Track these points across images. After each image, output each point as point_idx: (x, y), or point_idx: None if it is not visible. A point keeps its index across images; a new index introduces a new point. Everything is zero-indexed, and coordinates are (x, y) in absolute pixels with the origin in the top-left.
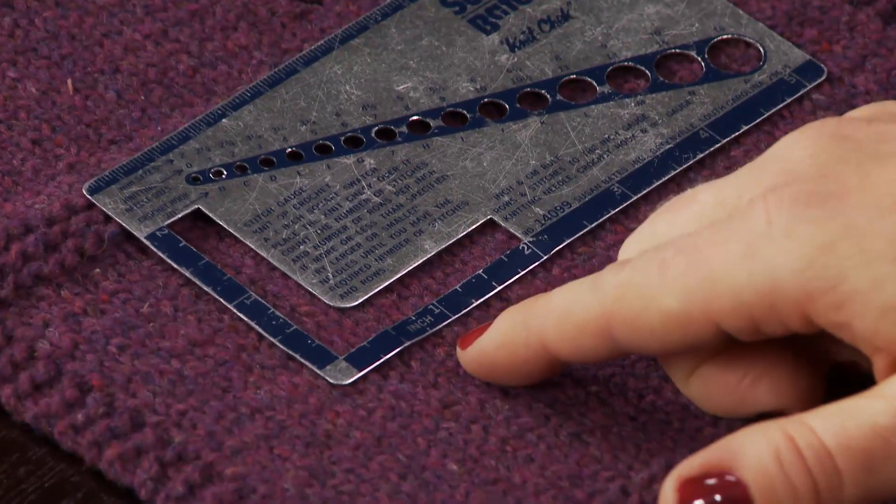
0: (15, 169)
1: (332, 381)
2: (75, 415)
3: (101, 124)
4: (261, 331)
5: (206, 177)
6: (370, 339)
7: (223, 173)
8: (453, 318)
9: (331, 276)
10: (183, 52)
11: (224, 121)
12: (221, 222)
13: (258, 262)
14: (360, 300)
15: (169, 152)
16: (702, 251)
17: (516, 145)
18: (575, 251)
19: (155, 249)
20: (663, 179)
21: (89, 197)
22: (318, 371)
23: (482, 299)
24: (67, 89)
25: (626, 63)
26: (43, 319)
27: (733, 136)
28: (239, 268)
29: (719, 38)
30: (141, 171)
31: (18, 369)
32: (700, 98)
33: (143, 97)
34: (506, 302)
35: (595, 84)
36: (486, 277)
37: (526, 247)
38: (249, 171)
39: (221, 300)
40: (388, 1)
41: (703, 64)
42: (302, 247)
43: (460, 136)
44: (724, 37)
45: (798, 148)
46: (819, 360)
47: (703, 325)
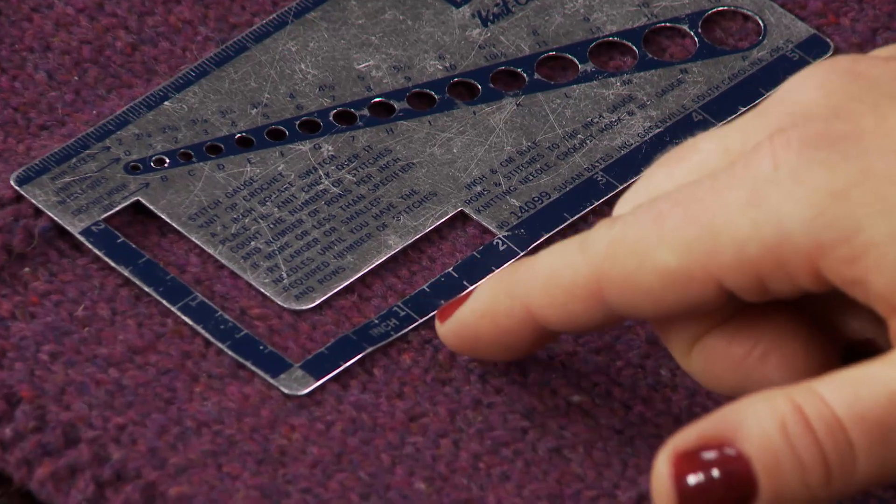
0: None
1: (286, 391)
2: (3, 429)
3: (31, 108)
4: (208, 336)
5: (147, 165)
6: (328, 344)
7: (165, 161)
8: (420, 321)
9: (285, 276)
10: (120, 27)
11: (166, 103)
12: (164, 216)
13: (204, 259)
14: (318, 301)
15: (105, 139)
16: (701, 201)
17: (489, 130)
18: None
19: (90, 246)
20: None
21: (17, 188)
22: (270, 380)
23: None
24: None
25: (610, 38)
26: None
27: (730, 118)
28: (183, 266)
29: (714, 9)
30: (74, 160)
31: None
32: (693, 77)
33: (76, 78)
34: None
35: (577, 61)
36: (456, 276)
37: (500, 242)
38: (194, 159)
39: (164, 302)
40: None
41: (695, 39)
42: (253, 243)
43: (427, 120)
44: (720, 8)
45: (808, 87)
46: (833, 336)
47: (704, 283)
